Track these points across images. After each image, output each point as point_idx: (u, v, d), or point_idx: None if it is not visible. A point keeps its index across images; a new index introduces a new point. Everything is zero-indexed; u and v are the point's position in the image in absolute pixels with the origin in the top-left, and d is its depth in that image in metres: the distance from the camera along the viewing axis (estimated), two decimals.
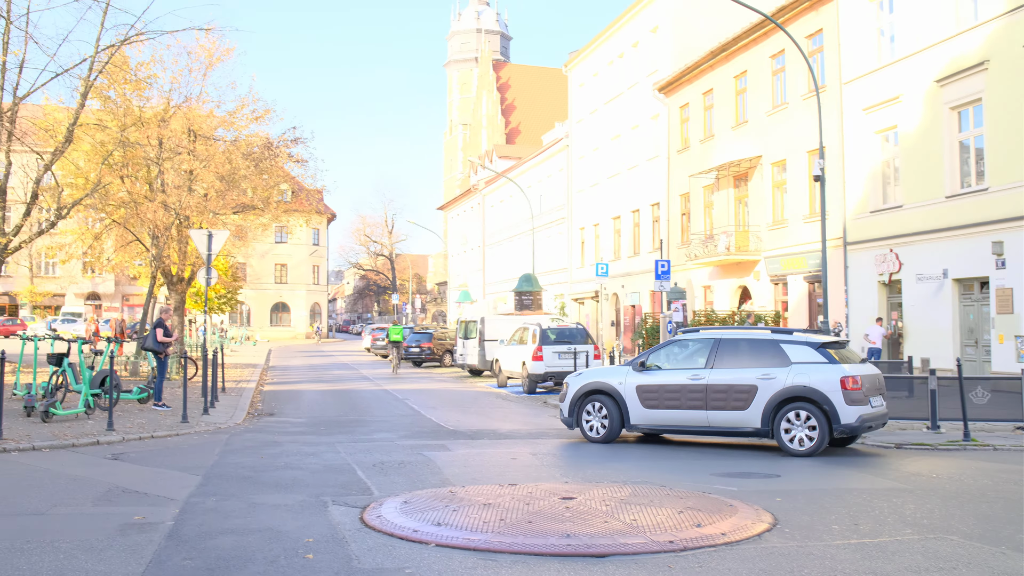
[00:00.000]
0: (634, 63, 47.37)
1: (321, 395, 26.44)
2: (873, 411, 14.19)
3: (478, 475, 11.84)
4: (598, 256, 51.26)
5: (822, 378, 13.94)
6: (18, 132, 30.54)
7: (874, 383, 14.54)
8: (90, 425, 16.06)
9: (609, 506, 9.18)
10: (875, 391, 14.48)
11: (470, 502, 9.44)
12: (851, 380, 13.83)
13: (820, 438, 13.81)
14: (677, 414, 15.01)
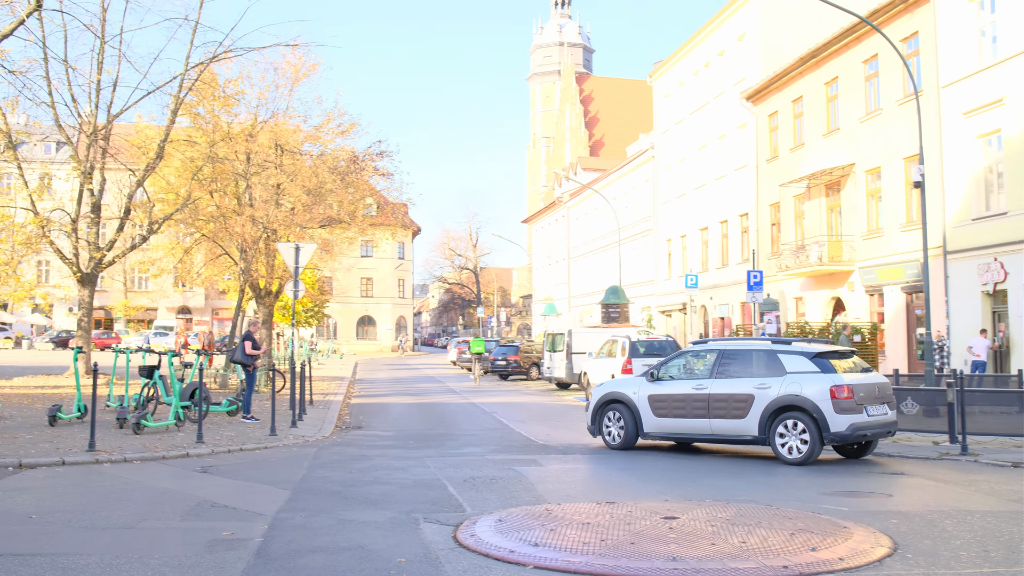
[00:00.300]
0: (720, 72, 46.63)
1: (408, 408, 26.29)
2: (870, 419, 14.26)
3: (572, 492, 11.44)
4: (685, 268, 50.50)
5: (813, 387, 14.17)
6: (112, 149, 31.16)
7: (872, 392, 14.56)
8: (180, 437, 16.05)
9: (715, 527, 8.69)
10: (875, 400, 14.50)
11: (567, 521, 9.02)
12: (841, 389, 14.01)
13: (811, 446, 14.04)
14: (684, 422, 15.55)
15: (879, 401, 14.61)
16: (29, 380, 29.72)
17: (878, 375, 15.66)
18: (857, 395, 14.16)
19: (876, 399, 14.57)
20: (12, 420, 17.87)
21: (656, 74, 56.02)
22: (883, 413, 14.62)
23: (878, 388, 14.83)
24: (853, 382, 14.35)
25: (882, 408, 14.62)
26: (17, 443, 14.59)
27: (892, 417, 14.97)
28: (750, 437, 14.70)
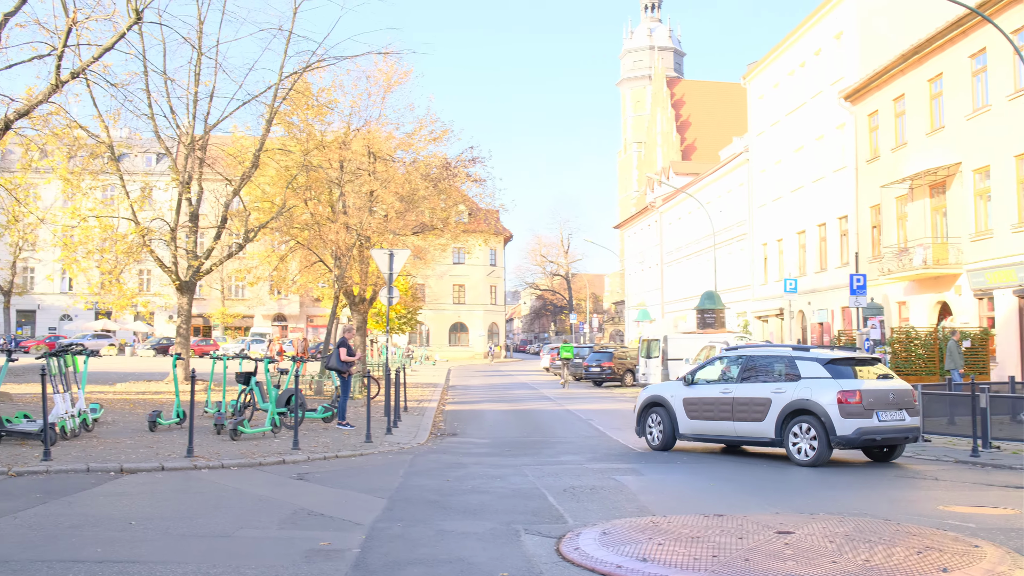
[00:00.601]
0: (817, 72, 45.57)
1: (503, 415, 26.07)
2: (881, 424, 14.68)
3: (677, 503, 11.04)
4: (782, 272, 49.46)
5: (822, 392, 14.74)
6: (208, 159, 31.62)
7: (885, 398, 14.90)
8: (276, 444, 16.03)
9: (833, 543, 8.17)
10: (888, 406, 14.90)
11: (675, 534, 8.61)
12: (849, 395, 14.53)
13: (820, 449, 14.61)
14: (712, 424, 16.37)
15: (894, 407, 14.99)
16: (131, 386, 30.27)
17: (898, 382, 15.87)
18: (866, 400, 14.60)
19: (890, 405, 14.95)
20: (114, 425, 18.09)
21: (750, 76, 55.05)
22: (899, 419, 14.97)
23: (893, 394, 15.11)
24: (864, 388, 14.74)
25: (898, 414, 14.99)
26: (119, 448, 14.71)
27: (910, 423, 15.29)
28: (768, 439, 15.40)
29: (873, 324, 27.34)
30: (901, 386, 15.65)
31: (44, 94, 20.31)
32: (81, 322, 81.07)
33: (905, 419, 15.13)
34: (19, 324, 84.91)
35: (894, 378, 16.06)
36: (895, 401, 15.06)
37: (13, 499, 10.57)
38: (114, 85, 23.70)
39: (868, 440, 14.76)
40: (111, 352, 72.76)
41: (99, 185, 29.36)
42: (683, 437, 16.97)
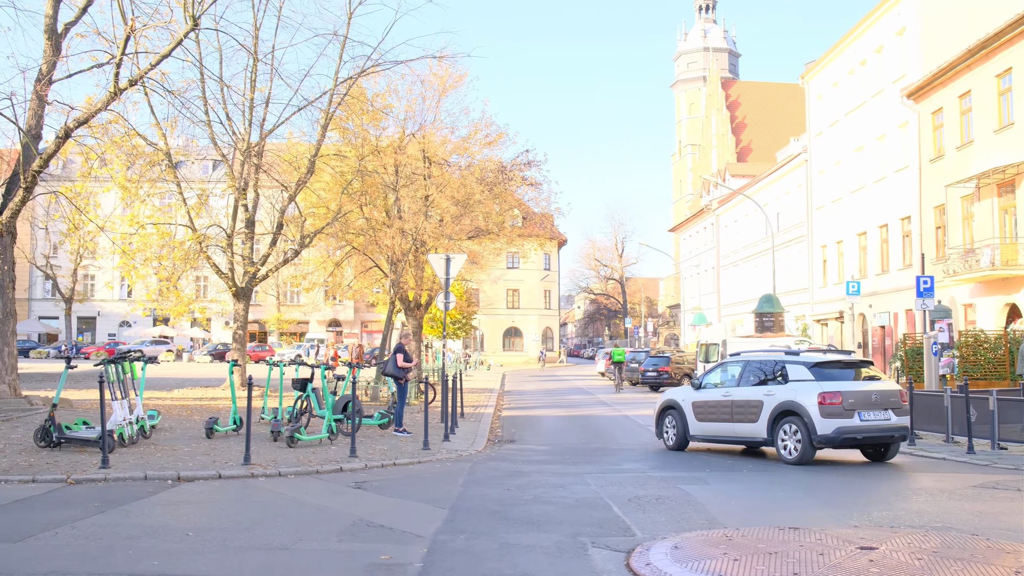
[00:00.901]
0: (878, 69, 44.70)
1: (560, 421, 25.72)
2: (863, 424, 15.29)
3: (748, 514, 10.62)
4: (841, 275, 48.62)
5: (805, 394, 15.46)
6: (264, 166, 31.70)
7: (867, 399, 15.53)
8: (333, 451, 15.84)
9: (922, 560, 7.70)
10: (872, 406, 15.50)
11: (751, 549, 8.20)
12: (828, 396, 15.22)
13: (803, 448, 15.34)
14: (715, 426, 17.26)
15: (878, 407, 15.58)
16: (188, 392, 30.38)
17: (886, 383, 16.47)
18: (846, 401, 15.27)
19: (873, 405, 15.55)
20: (172, 432, 18.05)
21: (808, 75, 54.18)
22: (883, 419, 15.54)
23: (877, 395, 15.69)
24: (844, 389, 15.41)
25: (882, 414, 15.57)
26: (176, 455, 14.61)
27: (897, 423, 15.81)
28: (761, 439, 16.22)
29: (941, 327, 26.60)
30: (887, 387, 16.23)
31: (103, 102, 20.38)
32: (140, 328, 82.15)
33: (891, 419, 15.68)
34: (80, 331, 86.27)
35: (881, 380, 16.61)
36: (879, 401, 15.63)
37: (71, 508, 10.46)
38: (171, 92, 23.83)
39: (848, 439, 15.35)
40: (169, 358, 73.53)
41: (157, 192, 29.58)
42: (693, 438, 17.88)
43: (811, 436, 15.20)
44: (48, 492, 11.53)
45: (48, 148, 20.91)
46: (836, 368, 16.10)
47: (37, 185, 21.59)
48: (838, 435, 15.20)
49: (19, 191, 21.15)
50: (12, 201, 21.33)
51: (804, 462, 15.26)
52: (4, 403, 20.71)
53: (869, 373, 16.57)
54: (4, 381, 21.12)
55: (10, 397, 21.04)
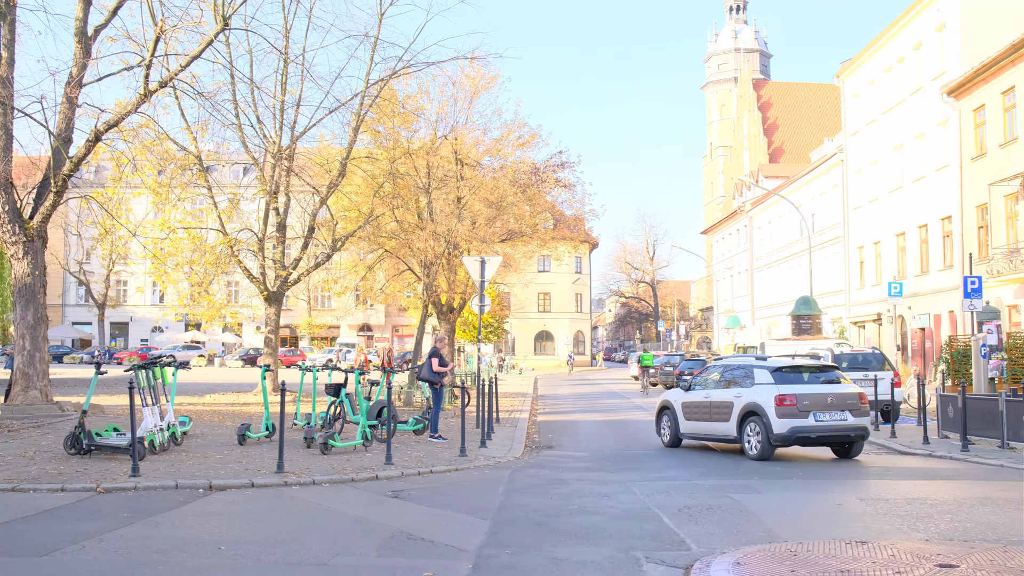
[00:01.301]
0: (917, 67, 43.88)
1: (597, 426, 25.19)
2: (817, 424, 16.56)
3: (806, 526, 10.08)
4: (879, 276, 47.80)
5: (765, 396, 16.78)
6: (295, 169, 31.40)
7: (822, 401, 16.77)
8: (368, 458, 15.43)
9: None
10: (828, 408, 16.74)
11: (819, 566, 7.63)
12: (784, 398, 16.54)
13: (762, 446, 16.68)
14: (699, 425, 18.74)
15: (834, 408, 16.79)
16: (219, 397, 30.12)
17: (844, 387, 17.38)
18: (801, 403, 16.56)
19: (829, 407, 16.77)
20: (203, 438, 17.72)
21: (844, 73, 53.34)
22: (839, 419, 16.74)
23: (833, 398, 16.88)
24: (799, 392, 16.72)
25: (839, 415, 16.77)
26: (208, 463, 14.26)
27: (854, 423, 16.89)
28: (732, 437, 17.60)
29: (989, 329, 25.89)
30: (845, 391, 17.23)
31: (133, 104, 20.13)
32: (172, 333, 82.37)
33: (847, 419, 16.84)
34: (113, 336, 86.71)
35: (841, 383, 17.57)
36: (835, 403, 16.86)
37: (100, 519, 10.10)
38: (202, 95, 23.53)
39: (802, 438, 16.63)
40: (200, 363, 73.63)
41: (188, 197, 29.30)
42: (684, 436, 19.36)
43: (769, 435, 16.55)
44: (77, 502, 11.18)
45: (78, 151, 20.69)
46: (795, 373, 17.42)
47: (67, 189, 21.36)
48: (792, 434, 16.52)
49: (49, 195, 20.94)
50: (43, 206, 21.12)
51: (764, 458, 16.59)
52: (36, 409, 20.48)
53: (832, 377, 17.65)
54: (36, 387, 20.89)
55: (41, 403, 20.81)
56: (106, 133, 20.37)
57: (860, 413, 17.04)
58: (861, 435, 17.17)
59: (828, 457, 17.53)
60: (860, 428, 17.04)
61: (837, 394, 16.98)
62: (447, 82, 32.06)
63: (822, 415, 16.68)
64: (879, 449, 18.78)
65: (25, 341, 20.88)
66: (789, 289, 62.39)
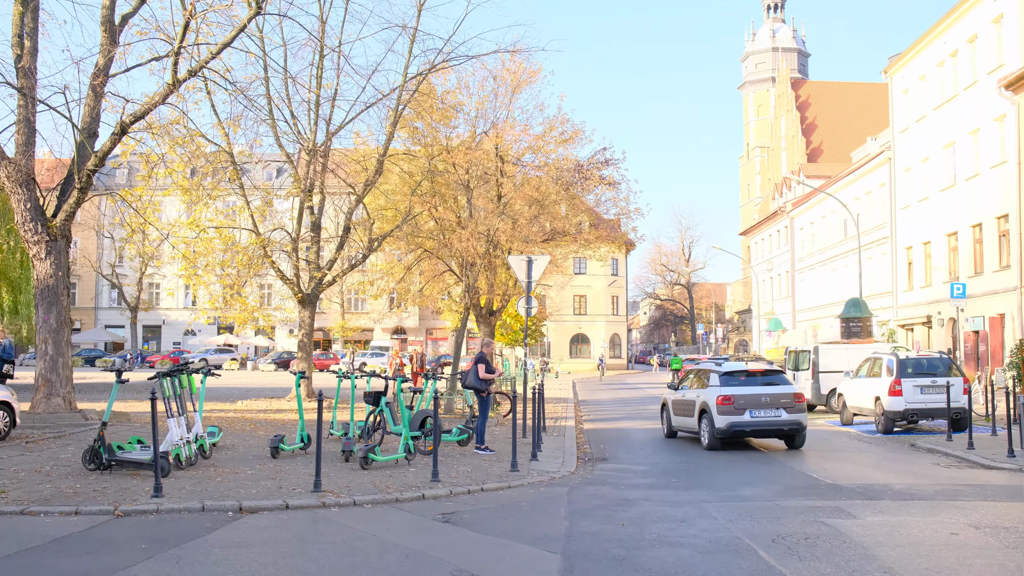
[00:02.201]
0: (971, 60, 42.22)
1: (648, 435, 23.72)
2: (751, 420, 19.38)
3: (930, 563, 8.66)
4: (928, 277, 46.24)
5: (711, 396, 19.72)
6: (331, 166, 30.33)
7: (758, 400, 19.49)
8: (412, 474, 14.17)
9: None
10: (763, 406, 19.46)
11: None
12: (722, 398, 19.46)
13: (710, 438, 19.61)
14: (679, 419, 21.88)
15: (769, 407, 19.48)
16: (252, 403, 29.03)
17: (783, 388, 19.97)
18: (737, 402, 19.40)
19: (764, 405, 19.48)
20: (234, 451, 16.58)
21: (892, 68, 51.66)
22: (773, 415, 19.45)
23: (768, 397, 19.55)
24: (736, 393, 19.54)
25: (773, 412, 19.47)
26: (238, 480, 13.07)
27: (787, 418, 19.51)
28: (695, 430, 20.70)
29: None
30: (781, 391, 19.80)
31: (161, 95, 19.03)
32: (204, 337, 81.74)
33: (781, 415, 19.49)
34: (145, 339, 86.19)
35: (781, 385, 20.16)
36: (769, 403, 19.52)
37: (115, 551, 8.90)
38: (234, 85, 22.48)
39: (738, 431, 19.52)
40: (233, 367, 72.92)
41: (219, 196, 28.20)
42: (675, 428, 22.31)
43: (713, 429, 19.44)
44: (91, 528, 9.98)
45: (103, 145, 19.62)
46: (738, 376, 20.29)
47: (92, 186, 20.30)
48: (730, 428, 19.45)
49: (73, 192, 19.91)
50: (66, 203, 20.09)
51: (712, 448, 19.49)
52: (58, 418, 19.45)
53: (773, 380, 20.33)
54: (59, 394, 19.86)
55: (64, 412, 19.78)
56: (132, 125, 19.26)
57: (794, 410, 19.59)
58: (795, 429, 19.68)
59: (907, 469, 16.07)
60: (793, 423, 19.60)
61: (772, 394, 19.67)
62: (487, 76, 30.95)
63: (757, 412, 19.47)
64: (959, 462, 17.31)
65: (47, 346, 19.85)
66: (832, 291, 60.86)
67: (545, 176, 31.38)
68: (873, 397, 24.04)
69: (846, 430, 24.99)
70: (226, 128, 27.53)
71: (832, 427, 26.00)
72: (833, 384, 29.94)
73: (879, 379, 23.99)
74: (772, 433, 19.77)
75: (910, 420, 23.24)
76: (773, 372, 20.90)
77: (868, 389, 24.60)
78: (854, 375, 26.33)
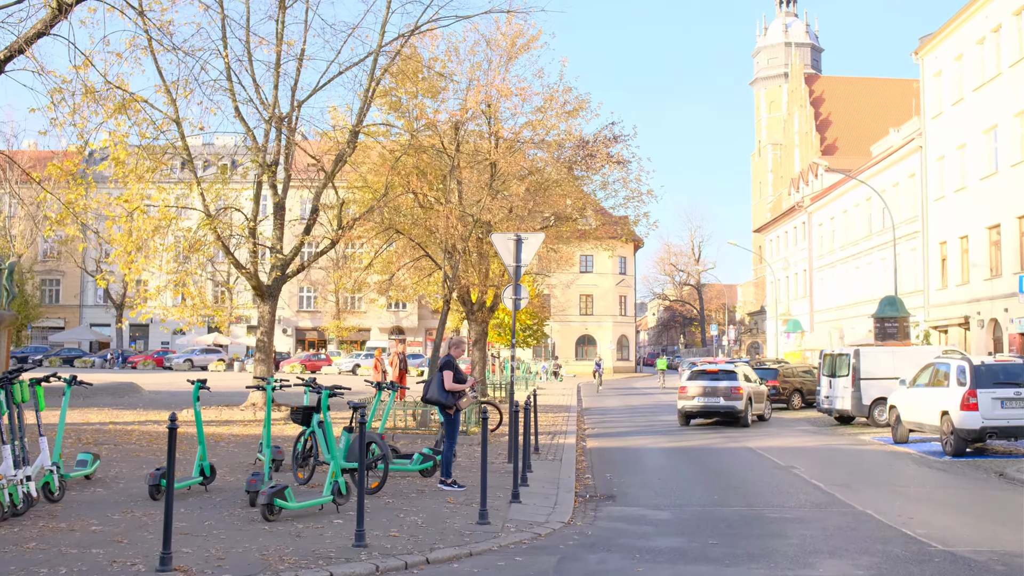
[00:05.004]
0: (1017, 34, 38.08)
1: (668, 458, 19.29)
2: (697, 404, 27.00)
3: None
4: (964, 275, 42.13)
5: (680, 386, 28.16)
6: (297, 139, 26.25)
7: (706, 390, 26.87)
8: (334, 530, 9.89)
9: None
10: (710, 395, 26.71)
11: None
12: (681, 389, 27.76)
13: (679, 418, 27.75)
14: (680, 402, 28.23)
15: (712, 396, 26.59)
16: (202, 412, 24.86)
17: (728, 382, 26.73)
18: (689, 392, 27.12)
19: (711, 394, 26.63)
20: (110, 486, 12.33)
21: (923, 50, 47.35)
22: (714, 402, 26.53)
23: (711, 389, 26.75)
24: (691, 384, 27.35)
25: (715, 399, 26.51)
26: (72, 540, 8.91)
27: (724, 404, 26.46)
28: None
29: None
30: (725, 384, 26.60)
31: (43, 22, 14.81)
32: (193, 336, 77.66)
33: (719, 402, 26.41)
34: (132, 339, 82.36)
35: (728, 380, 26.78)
36: (710, 392, 26.61)
37: None
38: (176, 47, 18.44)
39: (688, 413, 27.30)
40: (219, 368, 68.78)
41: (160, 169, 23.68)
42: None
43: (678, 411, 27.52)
44: None
45: None
46: (698, 373, 27.91)
47: None
48: (683, 410, 27.27)
49: None
50: None
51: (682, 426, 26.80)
52: None
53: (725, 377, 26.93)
54: None
55: None
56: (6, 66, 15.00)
57: (731, 399, 26.33)
58: (729, 412, 26.49)
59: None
60: (728, 407, 26.42)
61: (715, 387, 26.64)
62: (479, 41, 27.14)
63: (703, 399, 26.70)
64: None
65: None
66: (856, 290, 56.82)
67: (547, 155, 27.66)
68: (939, 412, 19.72)
69: (904, 450, 20.80)
70: (173, 93, 23.37)
71: (884, 446, 21.83)
72: (878, 393, 25.94)
73: (946, 389, 19.72)
74: (711, 415, 27.05)
75: (992, 436, 19.10)
76: (726, 372, 27.24)
77: (931, 401, 20.29)
78: (911, 384, 22.05)
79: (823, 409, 28.86)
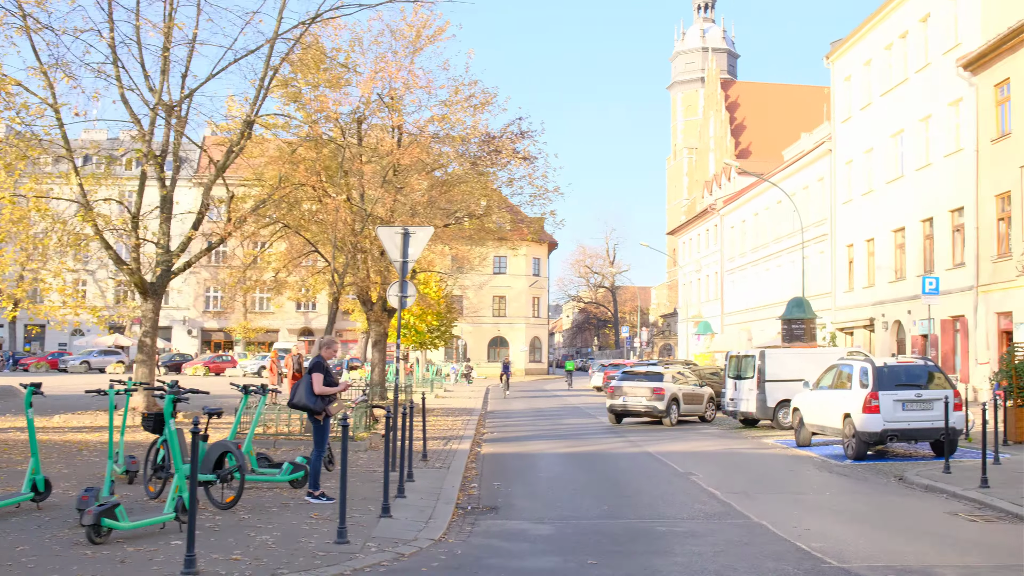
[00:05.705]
0: (923, 41, 38.42)
1: (563, 463, 18.50)
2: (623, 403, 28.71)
3: None
4: (871, 277, 42.63)
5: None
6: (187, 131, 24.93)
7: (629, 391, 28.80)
8: (164, 557, 8.66)
9: None
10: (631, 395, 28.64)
11: None
12: (611, 389, 30.00)
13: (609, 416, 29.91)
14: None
15: (635, 396, 28.34)
16: (72, 418, 23.23)
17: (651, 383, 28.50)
18: (617, 391, 29.09)
19: (635, 395, 28.36)
20: None
21: (835, 54, 47.62)
22: (638, 402, 28.27)
23: (634, 388, 28.59)
24: (619, 384, 29.33)
25: (639, 400, 28.22)
26: None
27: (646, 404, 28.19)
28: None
29: None
30: (648, 385, 28.36)
31: None
32: (92, 337, 74.86)
33: (642, 401, 28.13)
34: (28, 339, 79.03)
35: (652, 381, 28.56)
36: (632, 392, 28.54)
37: None
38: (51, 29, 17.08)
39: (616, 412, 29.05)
40: (118, 370, 66.24)
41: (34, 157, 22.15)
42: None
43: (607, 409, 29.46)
44: None
45: None
46: (629, 373, 30.23)
47: None
48: (612, 409, 29.07)
49: None
50: None
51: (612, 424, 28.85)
52: None
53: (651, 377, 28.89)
54: None
55: None
56: None
57: (652, 399, 27.96)
58: (650, 411, 28.14)
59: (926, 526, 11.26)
60: (650, 406, 28.03)
61: (639, 385, 28.51)
62: (383, 31, 26.28)
63: (627, 399, 28.41)
64: (980, 509, 12.59)
65: None
66: (765, 292, 57.14)
67: (451, 150, 26.88)
68: (841, 414, 19.27)
69: (807, 454, 20.35)
70: (50, 75, 21.95)
71: (786, 449, 21.38)
72: (783, 395, 25.54)
73: (848, 392, 19.28)
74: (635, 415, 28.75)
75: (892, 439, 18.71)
76: (652, 373, 29.36)
77: (834, 404, 19.83)
78: (814, 386, 21.62)
79: (728, 412, 28.45)
